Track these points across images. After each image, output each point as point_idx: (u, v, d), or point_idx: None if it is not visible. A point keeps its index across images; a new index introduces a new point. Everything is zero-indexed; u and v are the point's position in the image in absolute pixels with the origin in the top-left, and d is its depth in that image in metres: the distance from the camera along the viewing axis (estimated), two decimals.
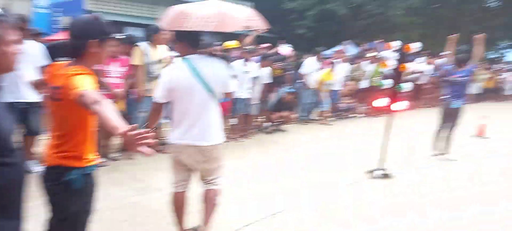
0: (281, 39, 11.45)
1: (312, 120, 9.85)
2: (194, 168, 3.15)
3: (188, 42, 2.99)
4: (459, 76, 6.60)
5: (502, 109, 15.23)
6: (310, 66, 9.49)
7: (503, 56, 29.10)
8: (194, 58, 2.96)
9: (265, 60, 7.67)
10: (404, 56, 5.33)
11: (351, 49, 16.25)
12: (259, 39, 8.39)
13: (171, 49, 5.87)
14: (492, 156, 7.48)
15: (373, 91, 10.64)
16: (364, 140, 7.99)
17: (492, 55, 27.48)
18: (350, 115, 10.75)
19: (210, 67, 2.98)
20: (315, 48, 10.26)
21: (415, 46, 5.42)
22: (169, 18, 2.98)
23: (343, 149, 7.30)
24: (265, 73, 7.75)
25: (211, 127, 3.02)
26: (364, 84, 10.84)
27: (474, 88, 16.14)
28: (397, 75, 5.37)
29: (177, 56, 3.50)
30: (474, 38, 6.78)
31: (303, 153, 6.88)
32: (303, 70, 9.55)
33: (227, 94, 3.27)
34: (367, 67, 10.80)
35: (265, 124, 8.47)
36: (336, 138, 8.25)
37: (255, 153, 6.72)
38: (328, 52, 16.66)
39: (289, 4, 20.15)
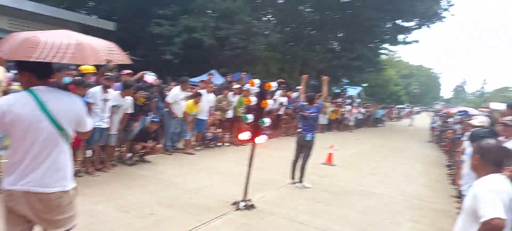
0: (146, 64, 10.99)
1: (178, 149, 9.58)
2: (34, 220, 2.60)
3: (35, 72, 2.51)
4: (310, 113, 7.45)
5: (345, 138, 17.61)
6: (176, 95, 9.27)
7: (345, 92, 34.14)
8: (41, 90, 2.49)
9: (127, 88, 7.15)
10: (265, 93, 5.65)
11: (217, 79, 16.72)
12: (121, 65, 7.84)
13: (9, 70, 4.96)
14: (337, 181, 8.46)
15: (238, 121, 11.07)
16: (230, 171, 8.13)
17: (336, 90, 31.96)
18: (217, 144, 10.86)
19: (61, 101, 2.55)
20: (181, 77, 10.12)
21: (274, 84, 5.81)
22: (11, 46, 2.44)
23: (209, 180, 7.25)
24: (127, 102, 7.23)
25: (58, 170, 2.55)
26: (229, 114, 11.13)
27: (322, 120, 18.39)
28: (259, 110, 5.63)
29: (18, 84, 2.91)
30: (322, 79, 7.80)
31: (169, 185, 6.56)
32: (169, 98, 9.27)
33: (83, 134, 2.82)
34: (233, 98, 11.16)
35: (128, 155, 7.84)
36: (202, 168, 8.16)
37: (116, 187, 6.11)
38: (195, 79, 16.84)
39: (155, 28, 19.73)
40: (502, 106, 18.25)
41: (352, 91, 36.58)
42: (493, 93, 71.11)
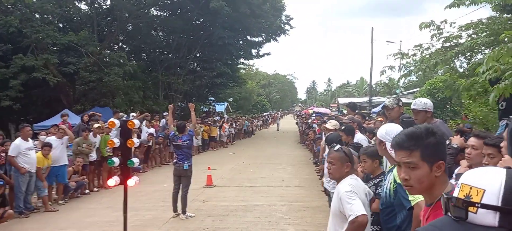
0: None
1: (35, 209, 8.17)
2: None
3: None
4: (183, 142, 7.31)
5: (221, 156, 17.81)
6: (18, 146, 7.86)
7: (214, 109, 34.80)
8: None
9: None
10: (129, 132, 5.23)
11: (73, 118, 15.01)
12: None
13: None
14: (219, 202, 8.42)
15: (104, 162, 10.09)
16: (104, 219, 7.28)
17: (205, 109, 32.30)
18: (84, 192, 9.64)
19: None
20: (22, 124, 8.68)
21: (137, 122, 5.43)
22: None
23: None
24: None
25: None
26: (93, 156, 10.05)
27: (195, 142, 18.26)
28: (126, 151, 5.18)
29: None
30: (189, 106, 7.82)
31: None
32: (11, 152, 7.82)
33: None
34: (94, 139, 10.10)
35: None
36: (69, 225, 7.09)
37: None
38: (46, 123, 14.74)
39: None
40: (347, 100, 21.00)
41: (220, 107, 37.56)
42: (338, 90, 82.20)
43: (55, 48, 19.39)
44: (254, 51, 31.16)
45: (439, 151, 1.61)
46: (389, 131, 2.98)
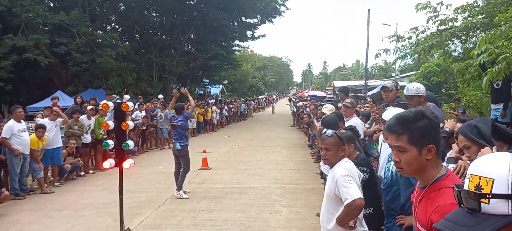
0: None
1: (31, 191, 8.18)
2: None
3: None
4: (177, 121, 7.48)
5: (217, 138, 17.83)
6: (11, 128, 7.79)
7: (209, 92, 34.65)
8: None
9: None
10: (124, 115, 5.20)
11: (66, 100, 14.91)
12: None
13: None
14: (215, 184, 8.47)
15: (98, 144, 10.07)
16: (100, 201, 7.30)
17: (200, 92, 32.13)
18: (80, 174, 9.64)
19: None
20: (14, 105, 8.58)
21: (131, 104, 5.39)
22: None
23: (76, 219, 6.33)
24: None
25: None
26: (88, 138, 10.01)
27: (190, 124, 18.25)
28: (120, 134, 5.16)
29: None
30: (183, 92, 7.97)
31: None
32: (3, 133, 7.76)
33: None
34: (88, 121, 10.04)
35: None
36: (66, 206, 7.10)
37: None
38: (39, 105, 14.57)
39: None
40: (342, 83, 20.97)
41: (215, 90, 37.40)
42: (333, 73, 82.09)
43: (46, 28, 19.06)
44: (249, 33, 30.84)
45: (429, 135, 1.61)
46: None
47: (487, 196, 1.05)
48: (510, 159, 1.07)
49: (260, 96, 51.99)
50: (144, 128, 13.25)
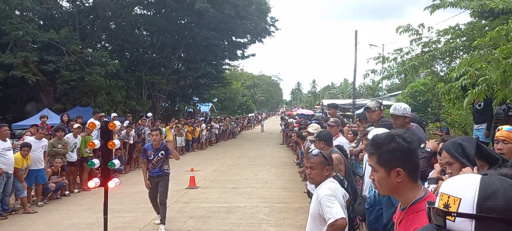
0: None
1: (14, 210, 8.00)
2: None
3: None
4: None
5: (205, 157, 17.74)
6: None
7: (198, 109, 34.61)
8: None
9: None
10: (110, 134, 5.17)
11: (51, 117, 14.73)
12: None
13: None
14: (202, 203, 8.40)
15: (84, 163, 9.95)
16: (85, 221, 7.17)
17: (189, 110, 32.08)
18: (65, 194, 9.47)
19: None
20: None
21: (118, 123, 5.37)
22: None
23: None
24: None
25: None
26: (74, 157, 9.89)
27: (179, 142, 18.17)
28: (107, 153, 5.12)
29: None
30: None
31: None
32: None
33: None
34: (73, 139, 9.93)
35: None
36: (48, 227, 6.96)
37: None
38: (25, 123, 14.37)
39: None
40: (331, 102, 21.19)
41: (204, 108, 37.41)
42: (322, 91, 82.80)
43: (35, 46, 18.96)
44: (239, 52, 31.13)
45: (396, 158, 1.64)
46: None
47: (453, 214, 1.09)
48: (479, 181, 1.11)
49: (249, 114, 52.08)
50: (131, 141, 13.16)
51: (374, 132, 3.95)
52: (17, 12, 18.31)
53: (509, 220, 1.00)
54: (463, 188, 1.11)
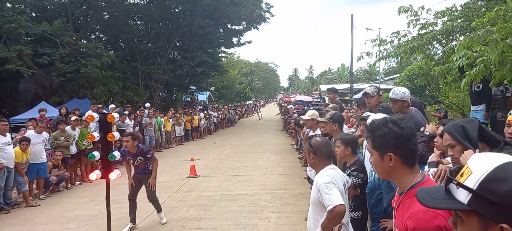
0: None
1: (16, 204, 8.03)
2: None
3: None
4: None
5: (205, 145, 17.78)
6: None
7: (196, 99, 34.51)
8: None
9: None
10: (109, 126, 5.17)
11: (51, 111, 14.68)
12: None
13: None
14: (203, 192, 8.45)
15: (85, 156, 9.96)
16: (87, 213, 7.22)
17: (187, 99, 32.00)
18: (67, 187, 9.51)
19: None
20: None
21: (116, 115, 5.36)
22: None
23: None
24: None
25: None
26: (73, 150, 9.90)
27: (177, 131, 18.14)
28: (106, 145, 5.13)
29: None
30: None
31: None
32: None
33: None
34: (73, 131, 9.93)
35: None
36: (52, 220, 7.00)
37: None
38: (23, 117, 14.30)
39: None
40: (328, 87, 21.18)
41: (202, 97, 37.33)
42: (319, 77, 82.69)
43: (29, 38, 18.78)
44: (235, 40, 30.94)
45: (388, 143, 1.66)
46: None
47: (454, 182, 1.13)
48: (498, 164, 1.08)
49: (247, 102, 52.02)
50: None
51: (373, 117, 3.96)
52: (8, 4, 18.09)
53: (503, 206, 1.01)
54: (481, 165, 1.11)
